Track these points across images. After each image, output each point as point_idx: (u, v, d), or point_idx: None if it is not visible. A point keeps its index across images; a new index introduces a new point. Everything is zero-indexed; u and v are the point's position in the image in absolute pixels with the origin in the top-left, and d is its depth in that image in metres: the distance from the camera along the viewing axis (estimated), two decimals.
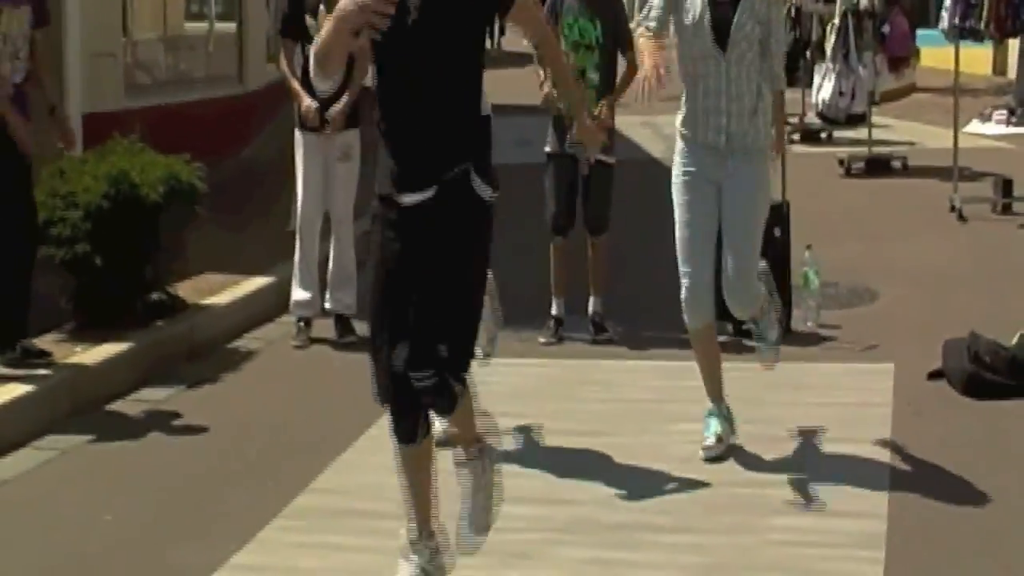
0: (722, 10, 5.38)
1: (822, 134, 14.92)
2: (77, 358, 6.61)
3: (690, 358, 5.78)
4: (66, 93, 9.37)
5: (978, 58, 17.29)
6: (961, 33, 10.90)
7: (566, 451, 5.69)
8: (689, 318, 5.58)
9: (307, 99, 7.34)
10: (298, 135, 7.53)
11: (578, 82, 4.27)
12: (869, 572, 4.47)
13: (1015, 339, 6.42)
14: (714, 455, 5.52)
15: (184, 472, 5.62)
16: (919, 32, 14.29)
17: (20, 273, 6.48)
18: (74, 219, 6.88)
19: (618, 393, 6.54)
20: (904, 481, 5.26)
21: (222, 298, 7.88)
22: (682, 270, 5.52)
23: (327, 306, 7.63)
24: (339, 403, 6.41)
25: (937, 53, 14.27)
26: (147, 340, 7.01)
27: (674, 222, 5.54)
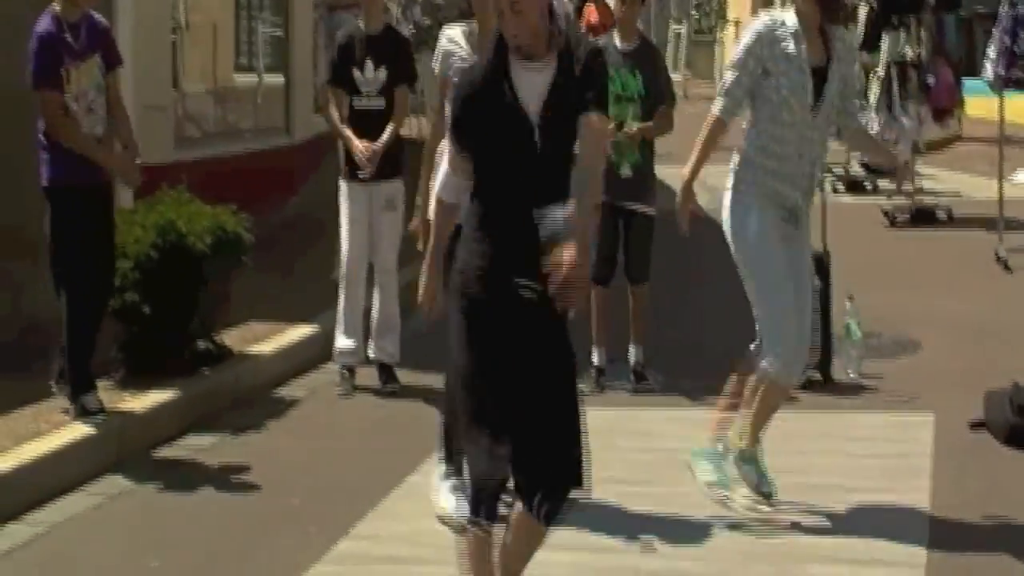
0: (817, 75, 5.42)
1: (866, 184, 14.91)
2: (126, 405, 6.71)
3: None
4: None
5: None
6: (1006, 83, 10.93)
7: (605, 499, 5.71)
8: (799, 372, 5.55)
9: (359, 142, 7.44)
10: (343, 185, 7.63)
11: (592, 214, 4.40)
12: None
13: None
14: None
15: (228, 518, 5.69)
16: (965, 82, 14.25)
17: (95, 322, 6.51)
18: (124, 269, 6.98)
19: (658, 443, 6.56)
20: (943, 531, 5.26)
21: (267, 347, 7.96)
22: (788, 327, 5.40)
23: (370, 355, 7.71)
24: (381, 450, 6.47)
25: (982, 103, 14.23)
26: (193, 388, 7.11)
27: (737, 277, 5.52)
